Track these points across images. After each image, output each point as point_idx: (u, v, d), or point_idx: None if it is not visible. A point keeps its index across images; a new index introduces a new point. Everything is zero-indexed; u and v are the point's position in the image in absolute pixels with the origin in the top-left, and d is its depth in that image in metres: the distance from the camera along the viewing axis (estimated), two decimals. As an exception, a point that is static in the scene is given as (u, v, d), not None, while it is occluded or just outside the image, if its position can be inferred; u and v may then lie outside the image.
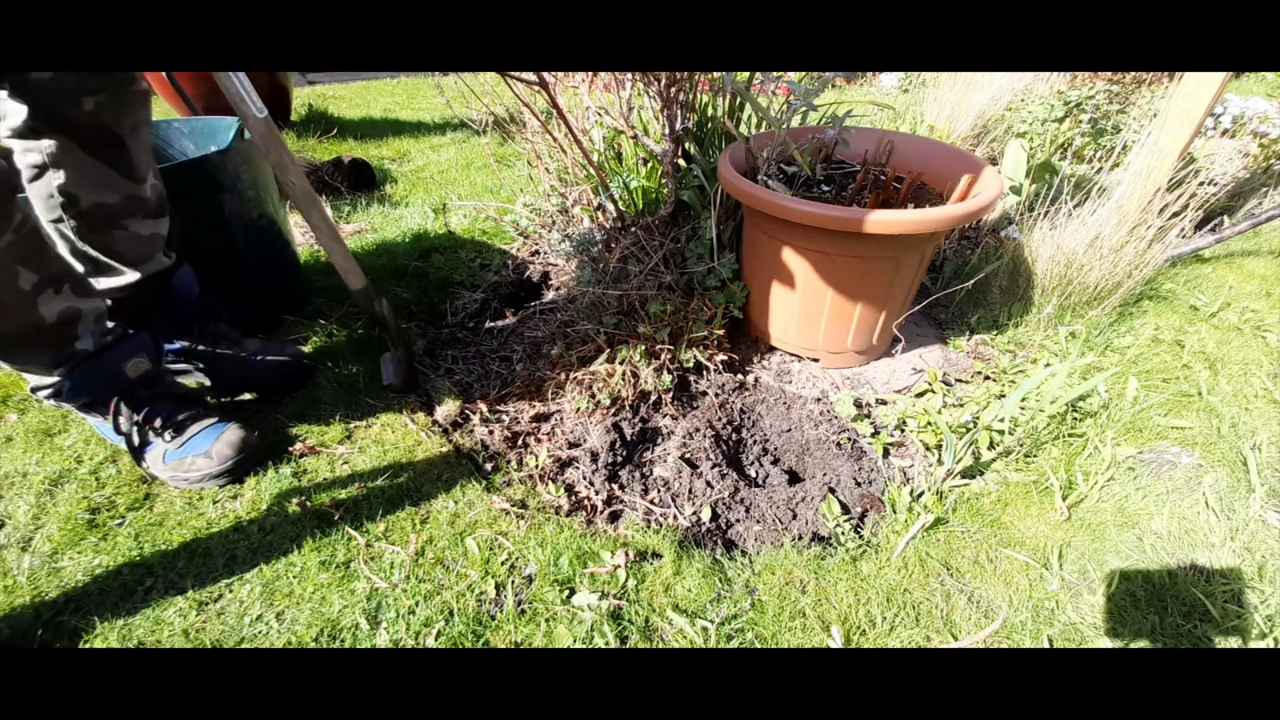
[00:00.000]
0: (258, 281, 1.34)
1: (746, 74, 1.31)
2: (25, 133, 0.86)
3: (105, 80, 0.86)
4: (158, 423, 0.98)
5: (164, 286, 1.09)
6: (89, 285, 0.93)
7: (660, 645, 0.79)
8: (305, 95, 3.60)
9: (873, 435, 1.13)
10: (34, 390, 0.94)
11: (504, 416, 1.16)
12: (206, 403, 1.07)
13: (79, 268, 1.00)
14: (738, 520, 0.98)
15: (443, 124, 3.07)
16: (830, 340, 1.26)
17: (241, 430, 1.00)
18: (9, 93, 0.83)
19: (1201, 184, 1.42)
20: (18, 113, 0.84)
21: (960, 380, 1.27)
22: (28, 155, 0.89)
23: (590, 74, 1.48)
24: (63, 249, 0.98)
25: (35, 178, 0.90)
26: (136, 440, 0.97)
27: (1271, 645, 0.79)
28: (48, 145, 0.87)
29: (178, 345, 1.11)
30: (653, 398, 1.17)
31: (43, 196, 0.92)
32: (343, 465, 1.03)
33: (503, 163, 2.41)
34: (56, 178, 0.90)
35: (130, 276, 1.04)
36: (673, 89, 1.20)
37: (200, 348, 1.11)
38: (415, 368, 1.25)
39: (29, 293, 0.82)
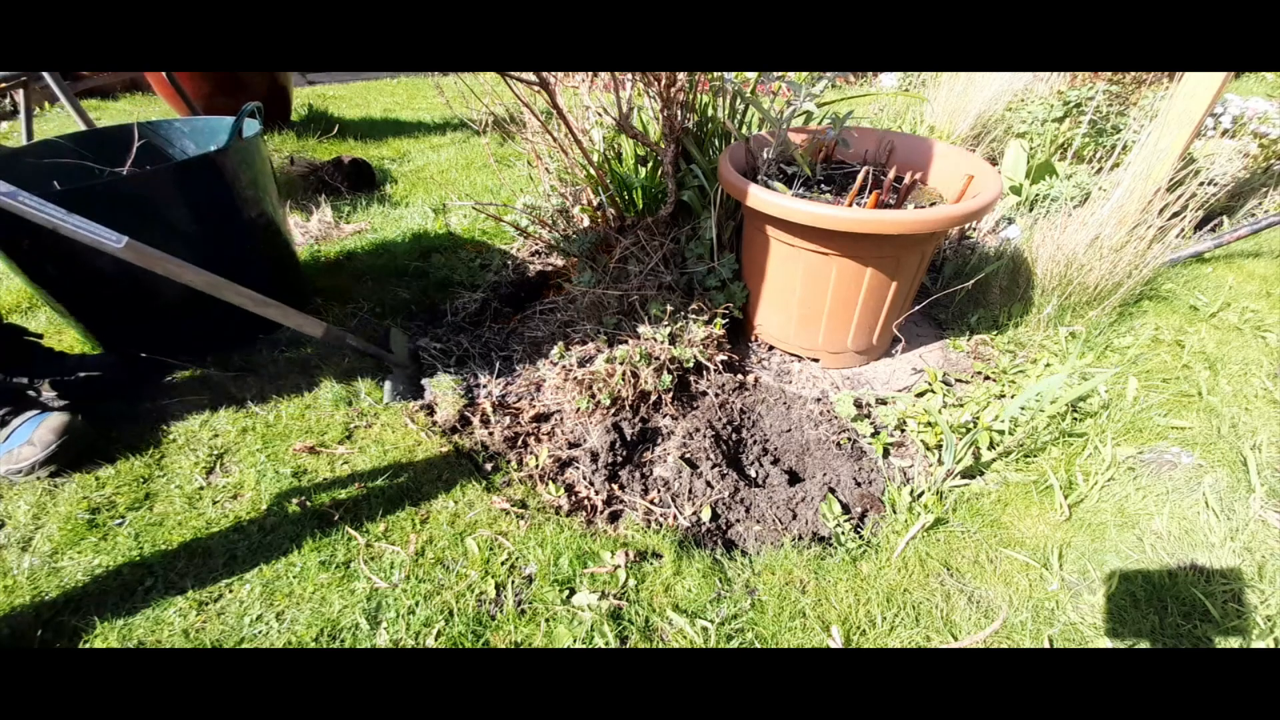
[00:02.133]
0: (257, 281, 1.34)
1: (746, 74, 1.31)
2: None
3: None
4: None
5: None
6: None
7: (660, 645, 0.79)
8: (305, 95, 3.60)
9: (873, 435, 1.13)
10: None
11: (504, 416, 1.16)
12: (30, 399, 1.06)
13: None
14: (738, 520, 0.98)
15: (443, 124, 3.07)
16: (830, 340, 1.26)
17: (64, 416, 1.01)
18: None
19: (1201, 184, 1.42)
20: None
21: (960, 380, 1.26)
22: None
23: (590, 74, 1.48)
24: None
25: None
26: None
27: (1271, 645, 0.79)
28: None
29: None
30: (653, 398, 1.17)
31: None
32: (343, 465, 1.03)
33: (503, 163, 2.41)
34: None
35: None
36: (673, 89, 1.20)
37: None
38: (419, 370, 1.26)
39: None
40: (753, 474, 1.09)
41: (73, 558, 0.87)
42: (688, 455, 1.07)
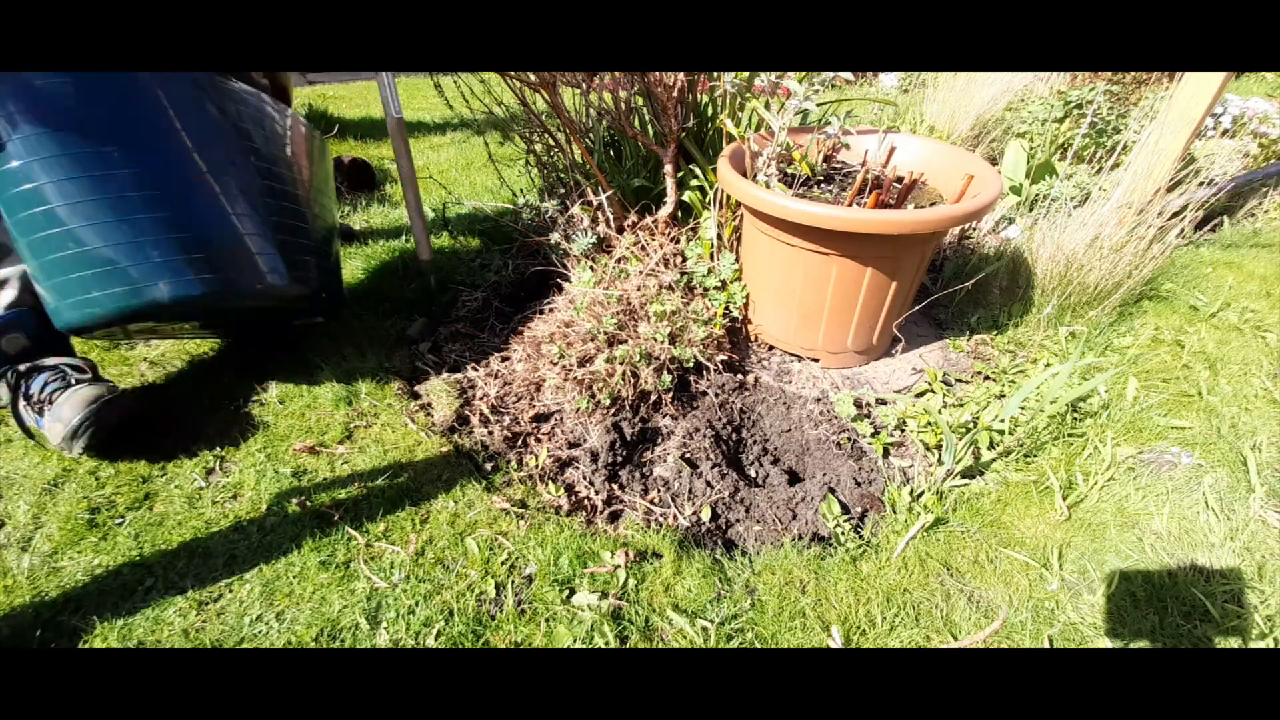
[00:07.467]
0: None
1: (746, 74, 1.31)
2: None
3: None
4: (31, 393, 1.00)
5: None
6: None
7: (660, 645, 0.79)
8: (305, 95, 3.60)
9: (873, 435, 1.13)
10: None
11: (504, 416, 1.16)
12: (81, 371, 1.05)
13: None
14: (738, 520, 0.98)
15: (443, 124, 3.07)
16: (830, 340, 1.26)
17: (94, 388, 1.00)
18: None
19: (1201, 184, 1.42)
20: None
21: (960, 380, 1.26)
22: None
23: (590, 74, 1.48)
24: None
25: None
26: (22, 414, 1.01)
27: (1271, 645, 0.79)
28: None
29: None
30: (653, 398, 1.17)
31: None
32: (343, 465, 1.03)
33: (503, 163, 2.41)
34: None
35: None
36: (673, 89, 1.20)
37: None
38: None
39: None
40: (753, 474, 1.09)
41: (72, 558, 0.87)
42: (688, 455, 1.07)
